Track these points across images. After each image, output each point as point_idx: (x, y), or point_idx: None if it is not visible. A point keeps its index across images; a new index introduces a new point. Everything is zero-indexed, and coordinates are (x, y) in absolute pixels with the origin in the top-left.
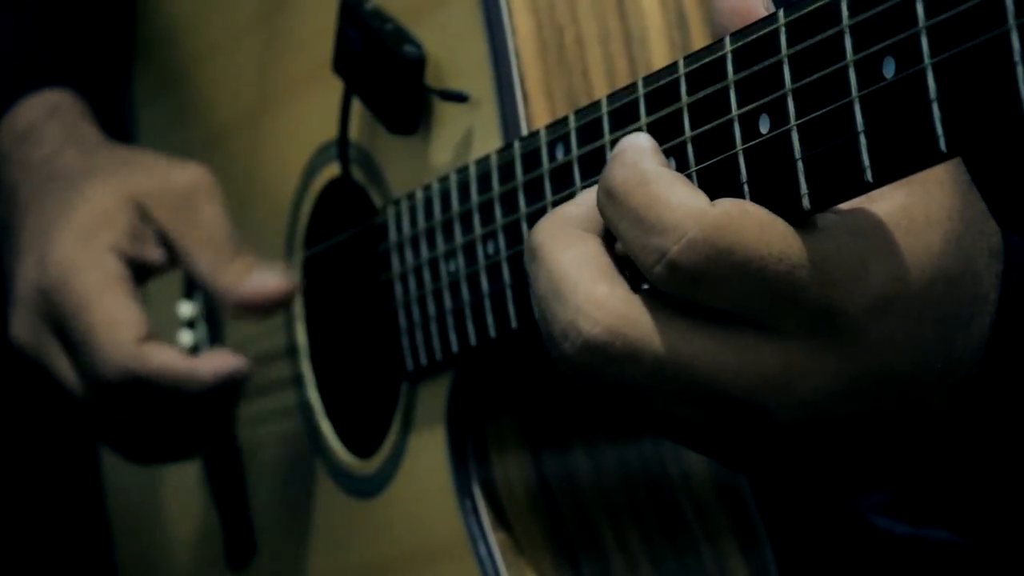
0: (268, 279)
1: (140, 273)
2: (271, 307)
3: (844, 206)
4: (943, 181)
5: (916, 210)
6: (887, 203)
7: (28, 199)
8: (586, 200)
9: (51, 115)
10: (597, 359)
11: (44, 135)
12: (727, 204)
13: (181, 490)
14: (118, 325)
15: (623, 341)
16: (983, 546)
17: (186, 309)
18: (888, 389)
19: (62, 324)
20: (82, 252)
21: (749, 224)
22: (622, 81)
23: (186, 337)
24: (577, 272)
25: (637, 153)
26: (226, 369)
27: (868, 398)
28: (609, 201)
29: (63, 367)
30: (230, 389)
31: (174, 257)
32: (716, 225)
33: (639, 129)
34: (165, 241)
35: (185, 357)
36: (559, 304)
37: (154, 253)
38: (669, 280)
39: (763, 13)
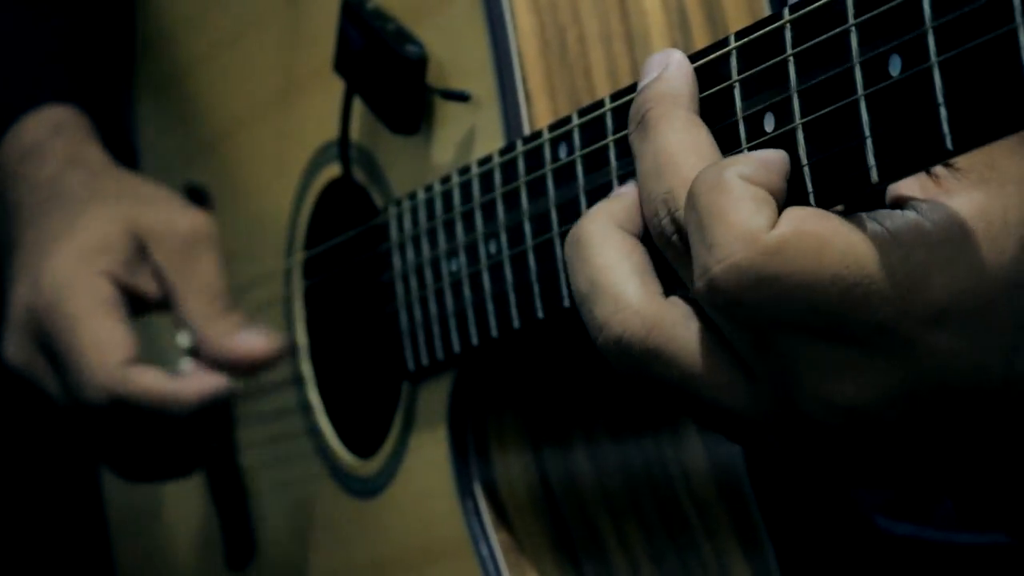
0: (258, 341)
1: (133, 305)
2: (256, 368)
3: (923, 202)
4: (1019, 181)
5: (994, 213)
6: (965, 203)
7: (29, 219)
8: (628, 196)
9: (55, 133)
10: (627, 356)
11: (48, 154)
12: (784, 228)
13: (180, 491)
14: (103, 346)
15: (652, 344)
16: None
17: None
18: (942, 400)
19: (50, 344)
20: (75, 274)
21: (804, 248)
22: (624, 81)
23: (184, 339)
24: (613, 271)
25: (733, 161)
26: (209, 390)
27: (917, 409)
28: (688, 197)
29: (53, 387)
30: (217, 409)
31: (167, 298)
32: (765, 252)
33: None
34: (160, 281)
35: (169, 379)
36: (594, 301)
37: (149, 287)
38: (707, 298)
39: None
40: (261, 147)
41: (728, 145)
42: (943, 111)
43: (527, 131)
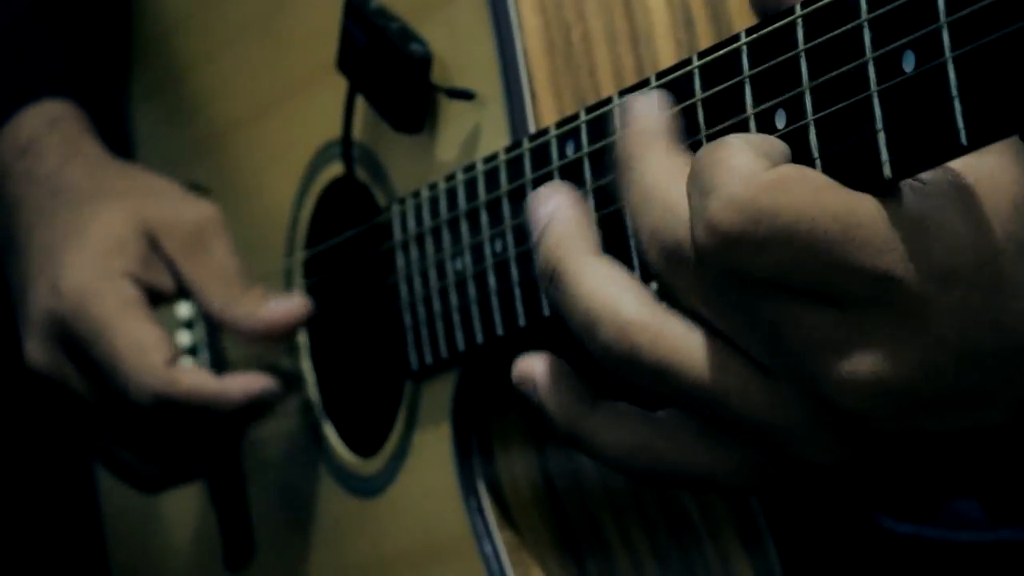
0: (284, 306)
1: (151, 300)
2: (289, 332)
3: None
4: (1002, 150)
5: (982, 173)
6: (955, 166)
7: (33, 216)
8: (585, 218)
9: (52, 127)
10: (640, 372)
11: (45, 148)
12: (784, 167)
13: (178, 490)
14: (145, 349)
15: (661, 354)
16: None
17: (184, 310)
18: (971, 364)
19: (83, 350)
20: (96, 278)
21: (804, 185)
22: (629, 80)
23: (184, 337)
24: (604, 293)
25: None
26: (256, 389)
27: (944, 378)
28: (691, 169)
29: (84, 390)
30: (257, 408)
31: (183, 289)
32: (764, 186)
33: None
34: (174, 274)
35: (214, 378)
36: (595, 328)
37: (165, 282)
38: (707, 247)
39: None
40: (262, 146)
41: None
42: (958, 106)
43: (532, 129)
